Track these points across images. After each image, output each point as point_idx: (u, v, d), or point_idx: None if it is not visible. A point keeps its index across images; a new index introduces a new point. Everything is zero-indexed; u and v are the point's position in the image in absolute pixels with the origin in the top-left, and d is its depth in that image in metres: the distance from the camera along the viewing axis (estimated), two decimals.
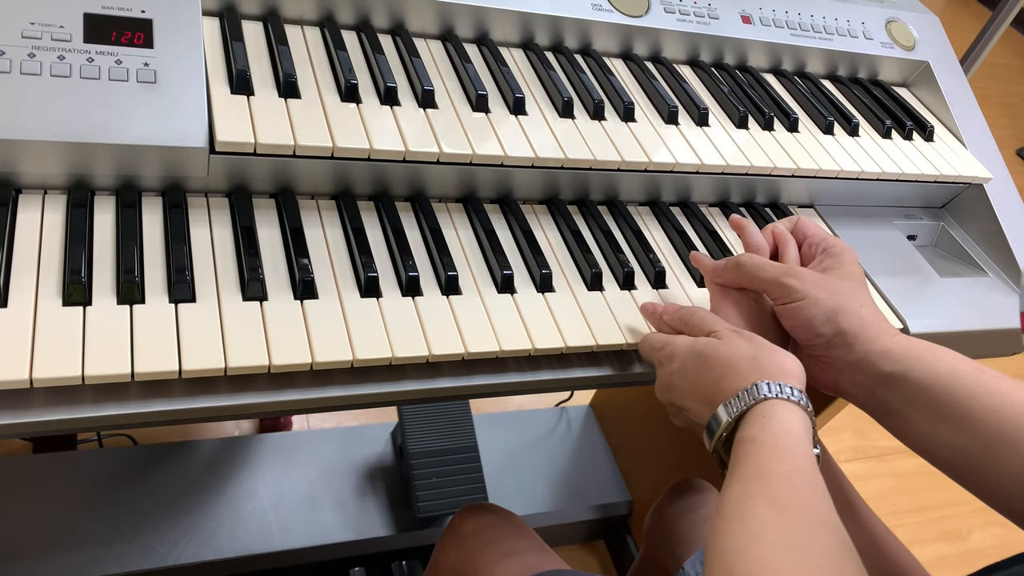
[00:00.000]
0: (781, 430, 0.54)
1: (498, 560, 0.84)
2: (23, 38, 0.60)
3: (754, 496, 0.50)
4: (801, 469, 0.52)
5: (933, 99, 1.06)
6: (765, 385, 0.56)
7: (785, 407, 0.56)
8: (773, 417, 0.55)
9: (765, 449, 0.53)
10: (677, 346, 0.63)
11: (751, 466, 0.52)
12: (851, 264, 0.67)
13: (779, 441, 0.53)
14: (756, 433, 0.54)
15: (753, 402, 0.56)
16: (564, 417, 1.64)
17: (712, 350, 0.61)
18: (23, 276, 0.57)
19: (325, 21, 0.79)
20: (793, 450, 0.53)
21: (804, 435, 0.55)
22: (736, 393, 0.57)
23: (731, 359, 0.60)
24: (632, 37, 0.92)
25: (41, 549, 1.16)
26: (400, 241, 0.69)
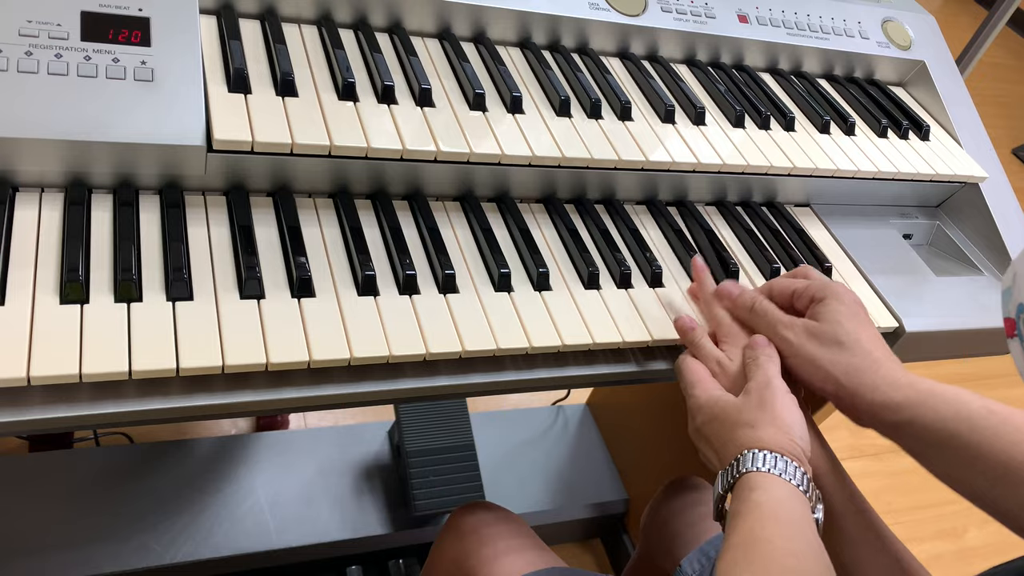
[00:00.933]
0: (766, 498, 0.55)
1: (495, 558, 0.84)
2: (20, 36, 0.60)
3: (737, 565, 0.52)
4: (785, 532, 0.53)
5: (929, 99, 1.06)
6: (751, 456, 0.58)
7: (770, 480, 0.56)
8: (758, 489, 0.56)
9: (750, 519, 0.54)
10: (699, 402, 0.65)
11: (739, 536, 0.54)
12: (847, 306, 0.66)
13: (765, 510, 0.55)
14: (741, 507, 0.56)
15: (740, 473, 0.58)
16: (561, 416, 1.64)
17: (724, 415, 0.62)
18: (20, 274, 0.57)
19: (322, 20, 0.79)
20: (780, 517, 0.54)
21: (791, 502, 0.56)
22: (730, 461, 0.59)
23: (736, 425, 0.61)
24: (629, 36, 0.92)
25: (38, 547, 1.16)
26: (397, 240, 0.69)
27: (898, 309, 0.83)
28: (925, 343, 0.84)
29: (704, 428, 0.64)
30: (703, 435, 0.64)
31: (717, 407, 0.63)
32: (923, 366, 2.17)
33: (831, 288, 0.67)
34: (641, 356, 0.72)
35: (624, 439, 1.57)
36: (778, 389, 0.62)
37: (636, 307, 0.73)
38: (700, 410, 0.65)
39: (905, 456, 0.68)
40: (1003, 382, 2.24)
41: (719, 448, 0.62)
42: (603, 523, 1.57)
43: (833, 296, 0.67)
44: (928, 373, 0.67)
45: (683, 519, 0.97)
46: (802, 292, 0.69)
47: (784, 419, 0.60)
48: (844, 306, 0.66)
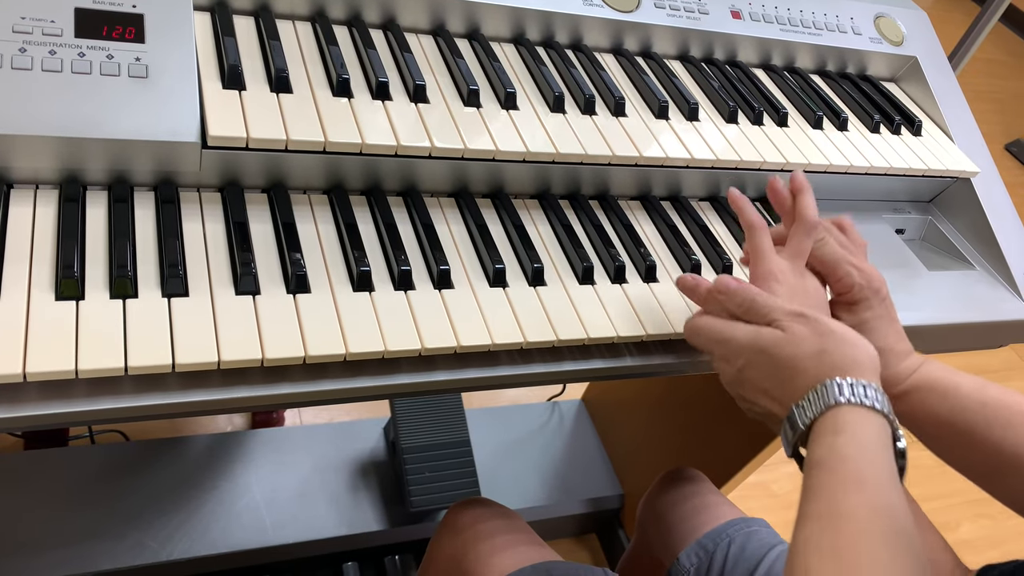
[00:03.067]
0: (854, 451, 0.50)
1: (492, 553, 0.85)
2: (14, 32, 0.60)
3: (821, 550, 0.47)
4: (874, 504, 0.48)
5: (921, 94, 1.06)
6: (835, 387, 0.53)
7: (857, 415, 0.52)
8: (843, 431, 0.51)
9: (835, 478, 0.49)
10: (740, 343, 0.59)
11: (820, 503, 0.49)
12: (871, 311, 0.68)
13: (851, 468, 0.49)
14: (825, 456, 0.51)
15: (823, 408, 0.53)
16: (556, 411, 1.65)
17: (776, 347, 0.57)
18: (15, 270, 0.57)
19: (316, 16, 0.79)
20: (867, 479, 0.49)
21: (881, 450, 0.51)
22: (806, 395, 0.54)
23: (797, 357, 0.56)
24: (623, 32, 0.92)
25: (33, 545, 1.16)
26: (392, 235, 0.69)
27: None
28: (917, 337, 0.84)
29: (749, 370, 0.58)
30: (748, 380, 0.59)
31: (763, 340, 0.58)
32: None
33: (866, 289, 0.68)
34: (636, 351, 0.72)
35: (619, 434, 1.58)
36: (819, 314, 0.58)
37: (630, 302, 0.73)
38: (740, 352, 0.59)
39: None
40: (994, 376, 2.25)
41: (779, 386, 0.56)
42: (599, 518, 1.57)
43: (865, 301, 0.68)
44: None
45: (679, 511, 0.98)
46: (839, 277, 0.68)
47: (851, 339, 0.56)
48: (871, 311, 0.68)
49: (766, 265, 0.65)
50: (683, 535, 0.94)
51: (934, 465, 0.68)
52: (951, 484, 0.65)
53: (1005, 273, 0.94)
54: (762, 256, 0.65)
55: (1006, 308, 0.91)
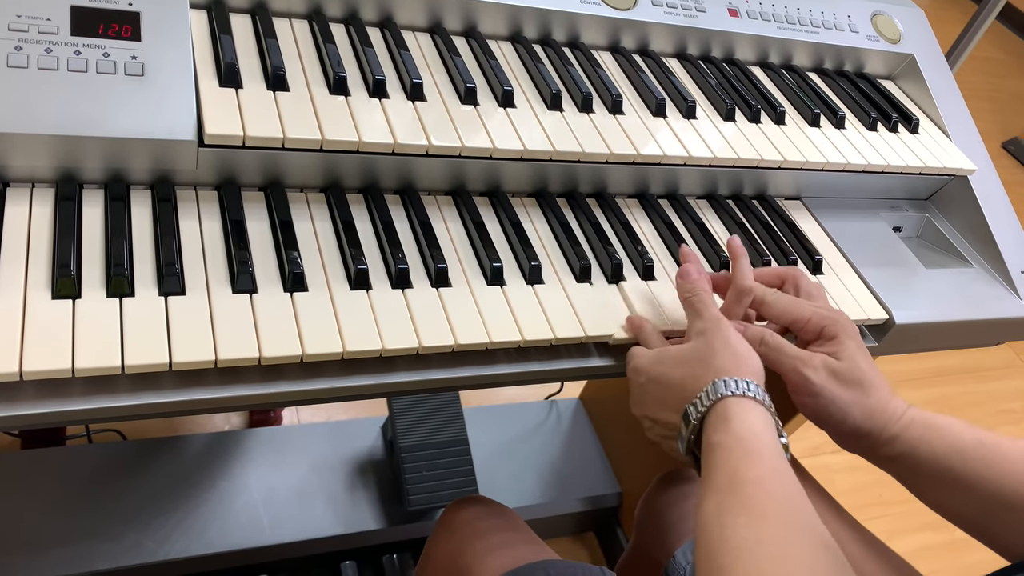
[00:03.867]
0: (745, 430, 0.55)
1: (489, 551, 0.84)
2: (10, 31, 0.60)
3: (732, 510, 0.51)
4: (771, 470, 0.53)
5: (918, 92, 1.07)
6: (722, 383, 0.57)
7: (743, 404, 0.56)
8: (733, 418, 0.56)
9: (732, 454, 0.54)
10: (640, 360, 0.65)
11: (722, 475, 0.53)
12: (857, 341, 0.67)
13: (745, 444, 0.54)
14: (720, 438, 0.55)
15: (711, 402, 0.57)
16: (554, 410, 1.65)
17: (674, 359, 0.62)
18: (11, 269, 0.57)
19: (313, 14, 0.79)
20: (760, 451, 0.54)
21: (768, 431, 0.56)
22: (697, 394, 0.59)
23: (690, 363, 0.61)
24: (620, 30, 0.92)
25: (31, 545, 1.16)
26: (390, 234, 0.69)
27: (888, 301, 0.83)
28: (914, 335, 0.85)
29: (651, 386, 0.63)
30: (651, 395, 0.63)
31: (662, 355, 0.63)
32: (911, 358, 2.17)
33: (840, 321, 0.67)
34: None
35: (617, 433, 1.58)
36: (728, 324, 0.63)
37: (628, 300, 0.73)
38: (641, 367, 0.64)
39: None
40: (991, 375, 2.26)
41: (675, 396, 0.61)
42: (596, 517, 1.57)
43: (843, 331, 0.66)
44: (917, 366, 0.68)
45: (676, 511, 0.98)
46: (805, 323, 0.68)
47: (739, 347, 0.61)
48: (854, 341, 0.66)
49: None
50: (680, 534, 0.94)
51: None
52: None
53: (1002, 271, 0.94)
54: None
55: (1003, 306, 0.91)
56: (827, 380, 0.65)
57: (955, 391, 2.17)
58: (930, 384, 2.15)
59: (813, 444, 0.69)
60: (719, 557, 0.49)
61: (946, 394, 2.16)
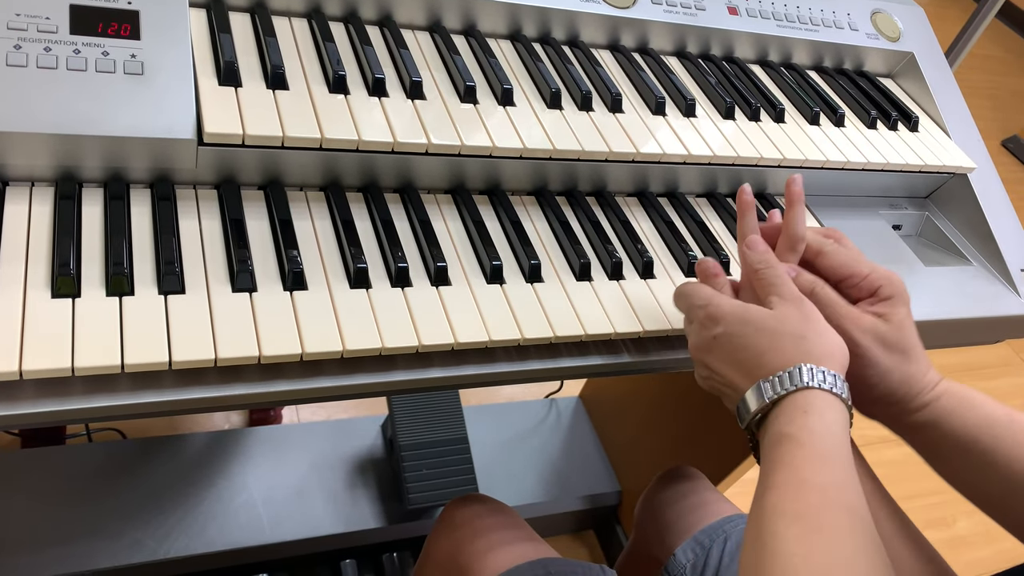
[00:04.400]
0: (822, 429, 0.52)
1: (489, 550, 0.85)
2: (8, 29, 0.60)
3: (787, 515, 0.48)
4: (839, 479, 0.50)
5: (918, 90, 1.06)
6: (807, 370, 0.54)
7: (825, 400, 0.53)
8: (812, 411, 0.52)
9: (803, 452, 0.51)
10: (723, 309, 0.60)
11: (787, 473, 0.50)
12: (905, 307, 0.64)
13: (818, 445, 0.51)
14: (794, 431, 0.52)
15: (793, 388, 0.54)
16: (554, 408, 1.65)
17: (761, 322, 0.58)
18: (11, 268, 0.56)
19: (313, 13, 0.79)
20: (832, 456, 0.51)
21: (844, 434, 0.53)
22: (777, 373, 0.55)
23: (777, 334, 0.57)
24: (619, 28, 0.92)
25: (31, 543, 1.16)
26: (389, 232, 0.69)
27: None
28: (919, 333, 0.84)
29: (726, 339, 0.59)
30: (720, 348, 0.59)
31: (749, 313, 0.59)
32: None
33: (897, 285, 0.64)
34: (633, 347, 0.72)
35: (616, 431, 1.58)
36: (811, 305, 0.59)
37: (628, 298, 0.73)
38: (723, 318, 0.60)
39: (896, 447, 0.68)
40: (990, 372, 2.26)
41: (753, 363, 0.57)
42: (596, 515, 1.57)
43: (899, 296, 0.63)
44: None
45: (676, 509, 0.98)
46: (862, 280, 0.64)
47: (829, 333, 0.57)
48: (906, 307, 0.63)
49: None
50: (680, 532, 0.94)
51: None
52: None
53: (1002, 269, 0.94)
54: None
55: (1003, 304, 0.91)
56: (873, 343, 0.61)
57: None
58: None
59: None
60: (763, 563, 0.47)
61: None
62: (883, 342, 0.62)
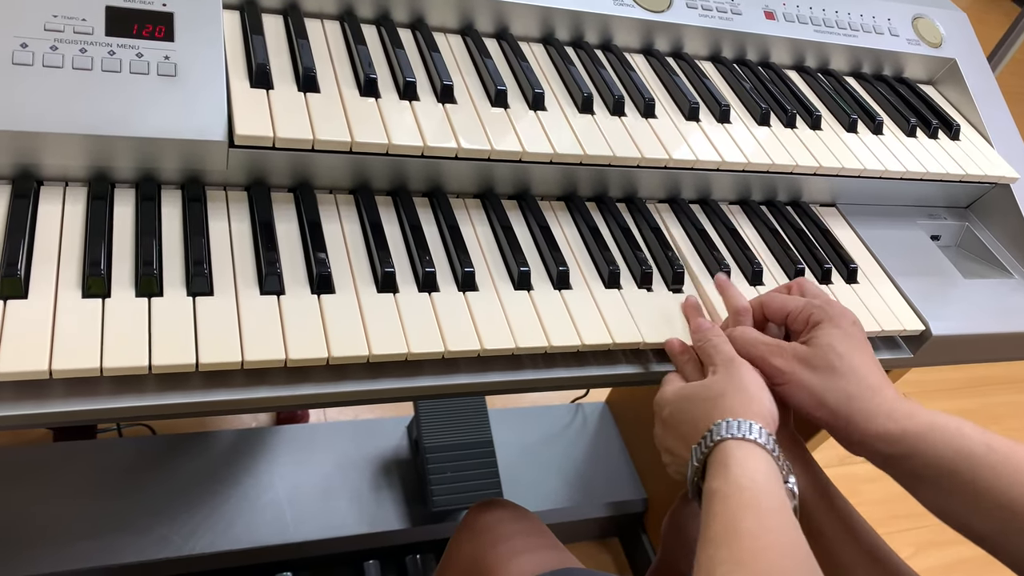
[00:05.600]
0: (744, 478, 0.53)
1: (511, 556, 0.84)
2: (45, 31, 0.61)
3: (726, 563, 0.49)
4: (768, 523, 0.51)
5: (959, 97, 1.04)
6: (724, 424, 0.56)
7: (744, 448, 0.55)
8: (733, 464, 0.54)
9: (729, 504, 0.52)
10: (666, 390, 0.65)
11: (718, 526, 0.52)
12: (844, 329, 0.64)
13: (743, 494, 0.53)
14: (719, 485, 0.54)
15: (712, 444, 0.56)
16: (580, 413, 1.64)
17: (693, 393, 0.62)
18: (43, 267, 0.57)
19: (345, 15, 0.79)
20: (758, 501, 0.52)
21: (769, 479, 0.54)
22: (703, 434, 0.58)
23: (705, 400, 0.60)
24: (653, 32, 0.91)
25: (59, 536, 1.17)
26: (417, 236, 0.69)
27: (924, 312, 0.81)
28: (952, 347, 0.82)
29: (670, 419, 0.63)
30: (671, 428, 0.63)
31: (683, 392, 0.63)
32: (952, 367, 2.13)
33: (827, 310, 0.65)
34: (662, 357, 0.71)
35: (643, 438, 1.56)
36: (742, 363, 0.62)
37: (657, 307, 0.72)
38: (663, 402, 0.65)
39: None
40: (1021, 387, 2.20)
41: (689, 432, 0.60)
42: (621, 522, 1.56)
43: (828, 319, 0.65)
44: (957, 376, 0.66)
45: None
46: (797, 314, 0.67)
47: (750, 387, 0.60)
48: (839, 329, 0.64)
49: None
50: None
51: None
52: None
53: None
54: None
55: None
56: (794, 365, 0.63)
57: (996, 401, 2.12)
58: (971, 394, 2.10)
59: (840, 453, 0.66)
60: None
61: (987, 404, 2.11)
62: (806, 363, 0.63)
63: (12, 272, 0.55)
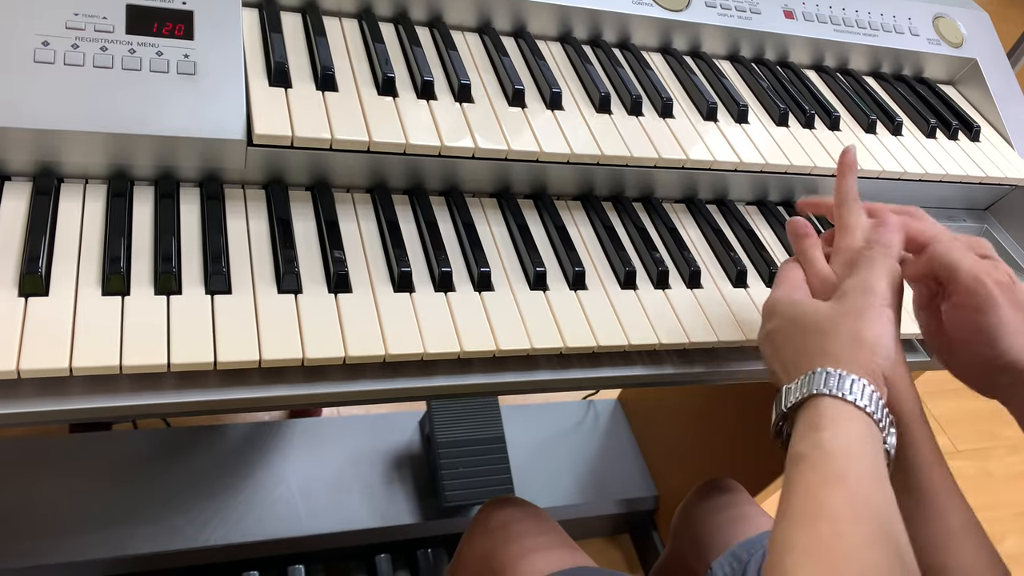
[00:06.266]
0: (834, 446, 0.48)
1: (524, 555, 0.84)
2: (67, 29, 0.61)
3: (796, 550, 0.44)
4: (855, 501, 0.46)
5: (980, 98, 1.03)
6: (822, 376, 0.50)
7: (840, 409, 0.49)
8: (825, 426, 0.48)
9: (814, 475, 0.47)
10: (778, 299, 0.58)
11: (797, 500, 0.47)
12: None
13: (830, 464, 0.47)
14: (806, 450, 0.48)
15: (805, 395, 0.50)
16: (592, 410, 1.64)
17: (803, 318, 0.55)
18: (64, 265, 0.57)
19: (363, 13, 0.79)
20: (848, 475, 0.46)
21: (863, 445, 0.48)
22: (797, 378, 0.52)
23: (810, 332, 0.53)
24: (671, 31, 0.90)
25: (73, 526, 1.18)
26: (434, 235, 0.69)
27: None
28: None
29: (775, 334, 0.57)
30: (772, 342, 0.57)
31: (795, 310, 0.56)
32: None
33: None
34: (677, 358, 0.71)
35: (655, 435, 1.56)
36: (879, 295, 0.54)
37: (673, 308, 0.72)
38: (774, 312, 0.58)
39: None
40: None
41: (789, 359, 0.54)
42: (632, 519, 1.56)
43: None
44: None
45: (714, 521, 0.96)
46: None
47: (868, 333, 0.52)
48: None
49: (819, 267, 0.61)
50: (717, 545, 0.93)
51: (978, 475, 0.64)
52: (997, 495, 0.60)
53: None
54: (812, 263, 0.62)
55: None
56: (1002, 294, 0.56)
57: None
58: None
59: None
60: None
61: (996, 404, 2.09)
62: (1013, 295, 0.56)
63: (34, 269, 0.55)
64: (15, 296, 0.54)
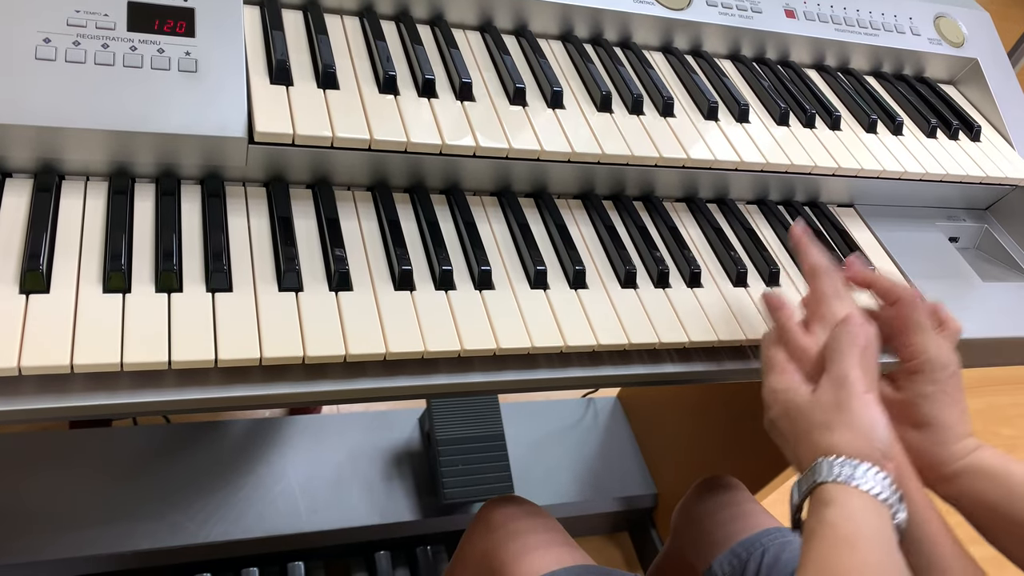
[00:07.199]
0: (842, 518, 0.51)
1: (524, 553, 0.84)
2: (68, 26, 0.61)
3: None
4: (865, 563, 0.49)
5: (981, 98, 1.03)
6: (824, 465, 0.54)
7: (843, 491, 0.53)
8: (832, 504, 0.52)
9: (824, 543, 0.51)
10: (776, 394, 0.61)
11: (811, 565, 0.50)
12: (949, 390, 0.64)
13: (838, 531, 0.51)
14: (815, 525, 0.52)
15: (813, 485, 0.54)
16: (591, 408, 1.64)
17: (796, 409, 0.59)
18: (65, 262, 0.57)
19: (365, 11, 0.79)
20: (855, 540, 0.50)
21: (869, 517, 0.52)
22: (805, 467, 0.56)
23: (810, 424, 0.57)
24: (673, 30, 0.90)
25: (73, 522, 1.19)
26: (434, 234, 0.69)
27: None
28: (971, 350, 0.82)
29: (778, 423, 0.60)
30: (778, 429, 0.61)
31: (791, 402, 0.59)
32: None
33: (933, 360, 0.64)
34: (677, 357, 0.71)
35: (654, 433, 1.57)
36: (856, 384, 0.57)
37: (674, 307, 0.72)
38: (774, 402, 0.61)
39: None
40: None
41: (795, 446, 0.58)
42: (631, 517, 1.56)
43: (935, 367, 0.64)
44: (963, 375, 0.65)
45: (715, 519, 0.97)
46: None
47: (861, 420, 0.56)
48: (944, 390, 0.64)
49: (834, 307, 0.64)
50: (717, 542, 0.93)
51: None
52: None
53: None
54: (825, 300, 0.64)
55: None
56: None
57: (1004, 402, 2.11)
58: (978, 394, 2.09)
59: None
60: None
61: (994, 404, 2.09)
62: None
63: (35, 266, 0.55)
64: (16, 293, 0.55)
